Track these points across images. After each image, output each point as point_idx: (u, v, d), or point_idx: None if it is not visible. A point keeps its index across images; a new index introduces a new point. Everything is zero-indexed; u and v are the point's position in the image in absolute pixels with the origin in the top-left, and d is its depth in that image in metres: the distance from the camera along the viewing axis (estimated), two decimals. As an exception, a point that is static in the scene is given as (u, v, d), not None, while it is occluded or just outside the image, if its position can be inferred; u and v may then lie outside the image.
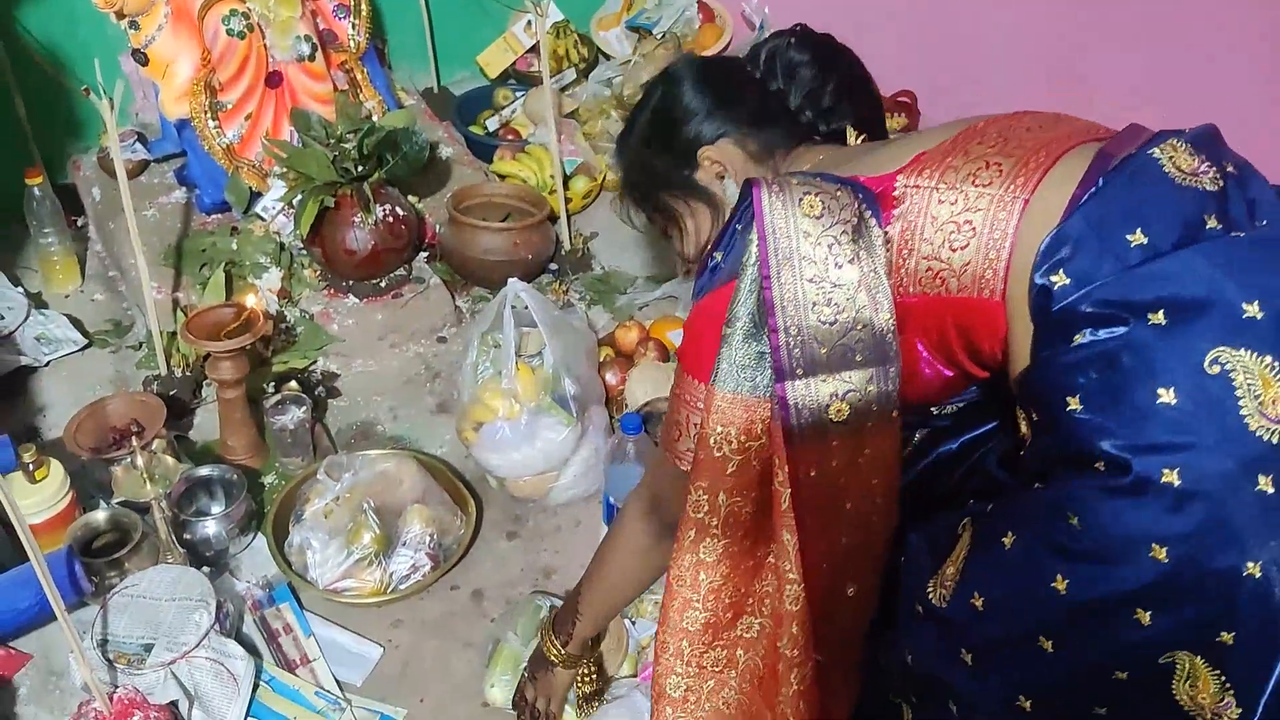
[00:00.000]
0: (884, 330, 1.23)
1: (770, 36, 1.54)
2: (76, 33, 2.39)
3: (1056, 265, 1.15)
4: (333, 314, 2.23)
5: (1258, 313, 1.10)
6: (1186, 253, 1.12)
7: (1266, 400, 1.08)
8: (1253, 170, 1.24)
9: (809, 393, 1.24)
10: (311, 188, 2.12)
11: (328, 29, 2.42)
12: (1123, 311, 1.12)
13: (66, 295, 2.35)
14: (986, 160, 1.24)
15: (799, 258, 1.23)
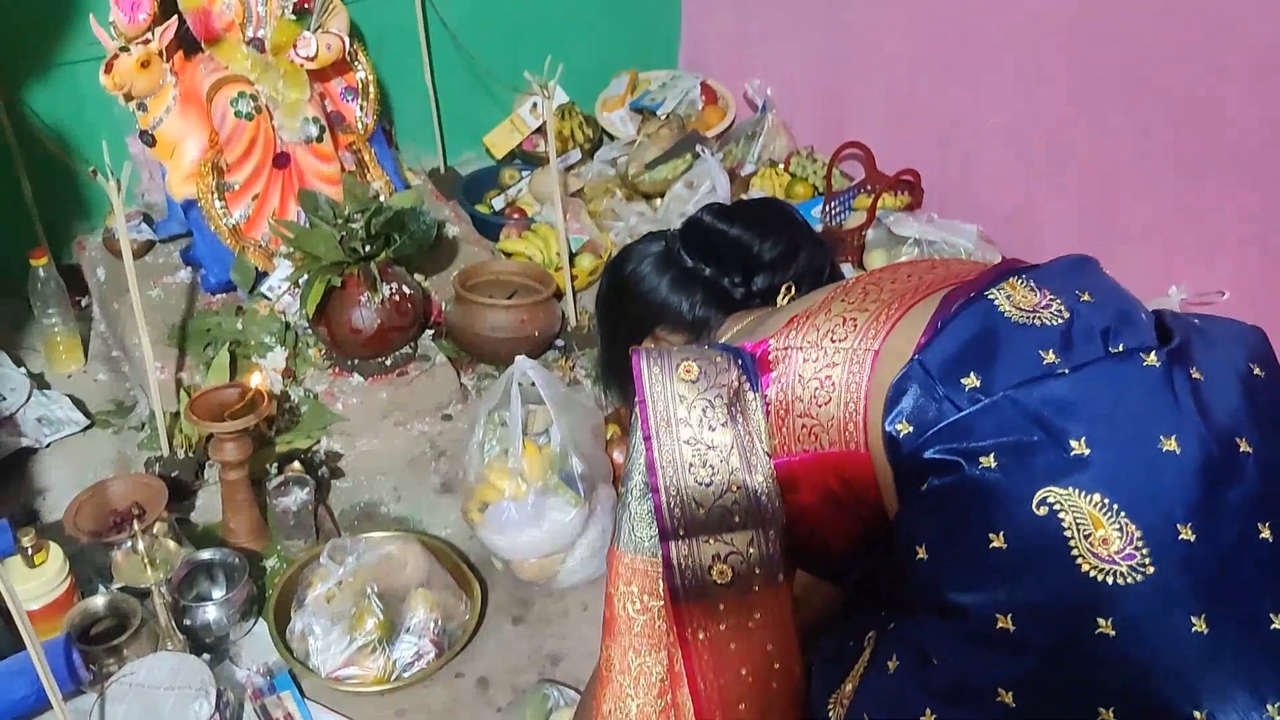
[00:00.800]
0: (759, 492, 1.24)
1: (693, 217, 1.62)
2: (84, 114, 2.41)
3: (899, 414, 1.16)
4: (337, 393, 2.21)
5: (1084, 449, 1.09)
6: (1016, 392, 1.12)
7: (1096, 540, 1.06)
8: (1119, 295, 1.24)
9: (690, 553, 1.25)
10: (318, 268, 2.11)
11: (335, 111, 2.44)
12: (956, 456, 1.12)
13: (69, 375, 2.34)
14: (844, 317, 1.27)
15: (675, 420, 1.26)
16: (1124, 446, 1.10)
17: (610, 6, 2.97)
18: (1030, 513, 1.08)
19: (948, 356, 1.17)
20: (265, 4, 2.28)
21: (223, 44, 2.24)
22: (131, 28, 2.14)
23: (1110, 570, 1.06)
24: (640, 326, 1.62)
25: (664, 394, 1.27)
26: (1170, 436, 1.10)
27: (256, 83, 2.24)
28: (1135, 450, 1.10)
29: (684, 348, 1.34)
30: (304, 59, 2.27)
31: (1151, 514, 1.07)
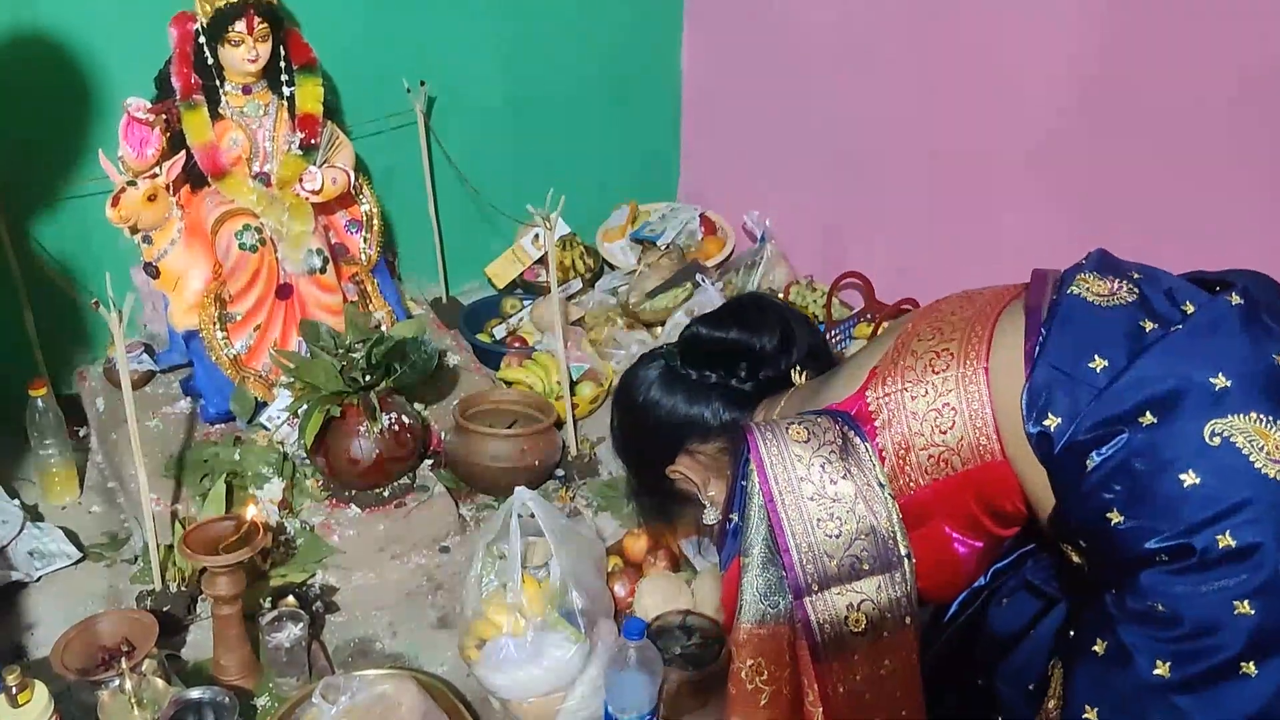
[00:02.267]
0: (886, 536, 1.34)
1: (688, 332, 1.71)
2: (90, 246, 2.43)
3: (1043, 412, 1.27)
4: (334, 525, 2.18)
5: (1225, 382, 1.23)
6: (1143, 359, 1.25)
7: (1270, 448, 1.20)
8: (1153, 268, 1.39)
9: (827, 606, 1.33)
10: (317, 398, 2.11)
11: (339, 242, 2.46)
12: (1117, 425, 1.23)
13: (64, 507, 2.31)
14: (935, 352, 1.37)
15: (797, 479, 1.34)
16: (1252, 369, 1.24)
17: (610, 140, 3.03)
18: (1206, 446, 1.21)
19: (1067, 349, 1.29)
20: (272, 140, 2.33)
21: (229, 178, 2.28)
22: (139, 162, 2.18)
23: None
24: (669, 447, 1.67)
25: (781, 457, 1.35)
26: (1276, 353, 1.27)
27: (262, 216, 2.27)
28: (1261, 369, 1.24)
29: (787, 419, 1.42)
30: (309, 193, 2.30)
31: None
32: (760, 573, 1.35)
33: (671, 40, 2.99)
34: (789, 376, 1.63)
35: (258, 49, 2.22)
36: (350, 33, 2.53)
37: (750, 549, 1.36)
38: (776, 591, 1.35)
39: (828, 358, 1.68)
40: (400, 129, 2.68)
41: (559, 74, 2.88)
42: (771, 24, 2.77)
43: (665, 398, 1.67)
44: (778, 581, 1.35)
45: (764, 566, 1.35)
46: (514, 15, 2.75)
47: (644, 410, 1.69)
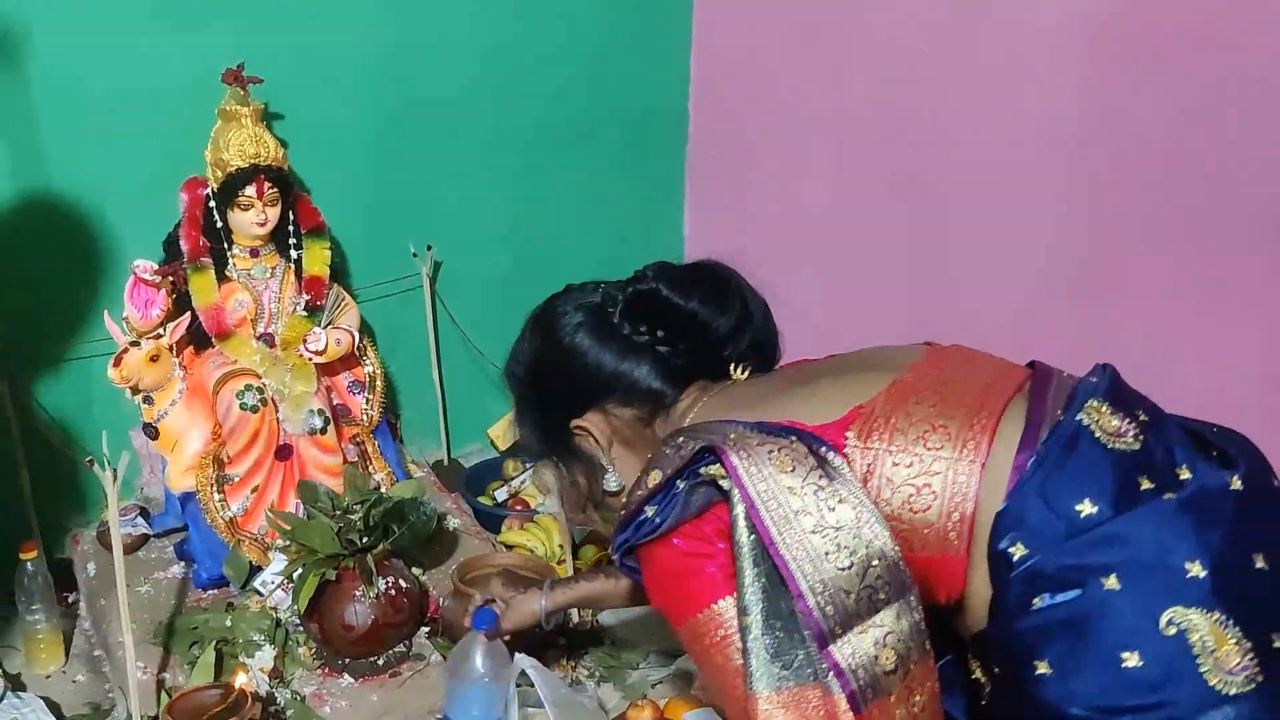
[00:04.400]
0: (896, 557, 1.24)
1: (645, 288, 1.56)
2: (90, 408, 2.42)
3: (1014, 537, 1.22)
4: (325, 695, 2.09)
5: (1200, 571, 1.17)
6: (1127, 518, 1.20)
7: (1221, 655, 1.15)
8: (1157, 410, 1.34)
9: (855, 649, 1.22)
10: (313, 560, 2.05)
11: (341, 403, 2.45)
12: (1078, 574, 1.19)
13: (48, 676, 2.22)
14: (932, 423, 1.29)
15: (794, 513, 1.23)
16: (1229, 565, 1.19)
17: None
18: (1159, 632, 1.16)
19: (1057, 481, 1.23)
20: (278, 301, 2.34)
21: (233, 339, 2.28)
22: (144, 323, 2.18)
23: (1230, 681, 1.15)
24: (584, 400, 1.54)
25: (771, 490, 1.23)
26: (1259, 554, 1.21)
27: (264, 376, 2.26)
28: (1238, 569, 1.19)
29: (748, 431, 1.29)
30: (313, 354, 2.30)
31: (1255, 628, 1.17)
32: (764, 630, 1.21)
33: (673, 214, 3.05)
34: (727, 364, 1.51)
35: (267, 213, 2.25)
36: (359, 197, 2.58)
37: (749, 607, 1.21)
38: (786, 650, 1.22)
39: (771, 357, 1.56)
40: (406, 292, 2.70)
41: (561, 242, 2.92)
42: (765, 194, 2.84)
43: (594, 347, 1.52)
44: (786, 637, 1.21)
45: (767, 622, 1.21)
46: (518, 183, 2.81)
47: (567, 353, 1.54)
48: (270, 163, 2.23)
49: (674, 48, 2.89)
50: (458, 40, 2.61)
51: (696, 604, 1.28)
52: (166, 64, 2.27)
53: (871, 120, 2.54)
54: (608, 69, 2.82)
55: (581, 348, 1.55)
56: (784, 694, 1.21)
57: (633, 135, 2.91)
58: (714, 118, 2.91)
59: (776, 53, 2.71)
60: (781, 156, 2.77)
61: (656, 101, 2.92)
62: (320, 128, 2.47)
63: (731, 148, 2.89)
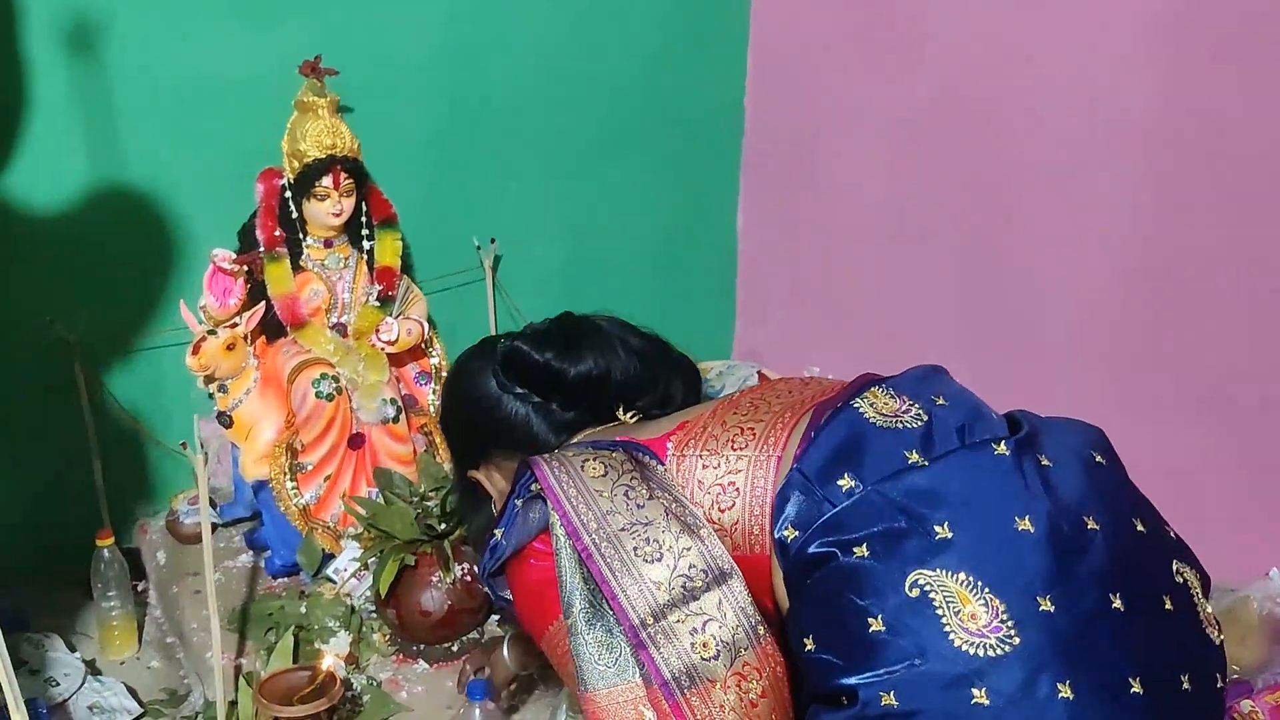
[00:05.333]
0: (708, 548, 1.27)
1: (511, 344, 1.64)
2: (161, 398, 2.44)
3: (785, 520, 1.25)
4: (401, 681, 2.11)
5: (947, 533, 1.19)
6: (881, 486, 1.23)
7: (965, 615, 1.15)
8: (969, 396, 1.37)
9: (668, 638, 1.24)
10: (392, 546, 2.07)
11: (408, 394, 2.47)
12: (832, 548, 1.21)
13: (122, 662, 2.25)
14: (741, 427, 1.35)
15: (603, 514, 1.29)
16: (983, 528, 1.19)
17: (666, 300, 3.07)
18: (903, 594, 1.17)
19: (821, 461, 1.26)
20: (351, 291, 2.36)
21: (308, 329, 2.30)
22: (221, 312, 2.21)
23: (980, 643, 1.14)
24: (475, 449, 1.65)
25: (580, 494, 1.30)
26: (1024, 517, 1.20)
27: (338, 365, 2.28)
28: (993, 531, 1.19)
29: (575, 448, 1.39)
30: (385, 343, 2.32)
31: (1013, 588, 1.16)
32: (588, 629, 1.27)
33: (728, 200, 3.07)
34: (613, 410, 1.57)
35: (342, 204, 2.27)
36: (425, 190, 2.60)
37: (570, 606, 1.28)
38: (606, 646, 1.28)
39: (666, 399, 1.60)
40: (468, 285, 2.73)
41: (618, 235, 2.94)
42: (822, 189, 2.85)
43: (482, 399, 1.61)
44: (608, 635, 1.27)
45: (590, 621, 1.28)
46: (576, 178, 2.83)
47: (460, 403, 1.65)
48: (346, 153, 2.25)
49: (731, 46, 2.91)
50: (522, 38, 2.63)
51: (549, 616, 1.35)
52: (245, 56, 2.30)
53: (931, 117, 2.56)
54: (665, 67, 2.84)
55: (472, 397, 1.64)
56: (615, 690, 1.27)
57: (689, 132, 2.93)
58: (770, 115, 2.93)
59: (834, 50, 2.73)
60: (838, 155, 2.79)
61: (713, 99, 2.94)
62: (389, 121, 2.49)
63: (787, 145, 2.91)
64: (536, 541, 1.38)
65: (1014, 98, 2.39)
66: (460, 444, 1.72)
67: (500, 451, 1.61)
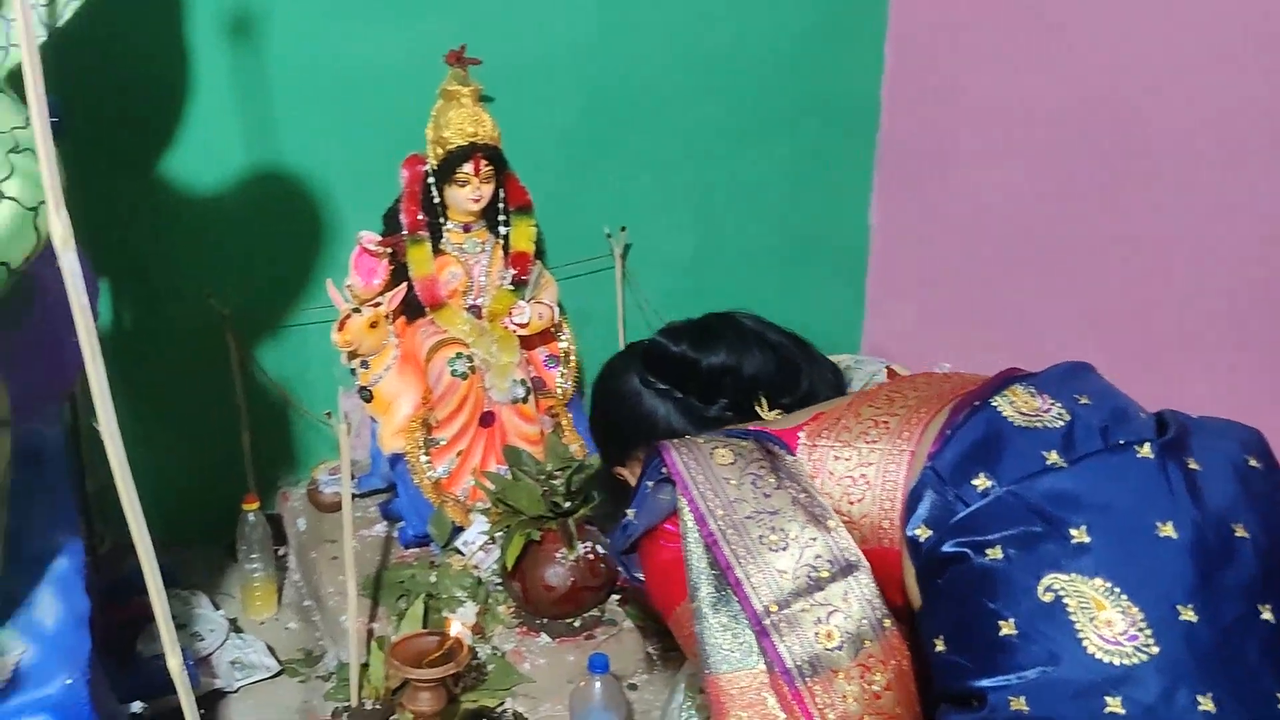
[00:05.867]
0: (835, 539, 1.26)
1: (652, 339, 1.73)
2: (306, 372, 2.56)
3: (917, 518, 1.23)
4: (524, 653, 2.17)
5: (1084, 537, 1.15)
6: (1017, 487, 1.19)
7: (1100, 621, 1.12)
8: (1115, 395, 1.32)
9: (793, 625, 1.24)
10: (519, 521, 2.14)
11: (537, 376, 2.53)
12: (966, 549, 1.18)
13: (261, 622, 2.36)
14: (875, 420, 1.33)
15: (729, 500, 1.29)
16: (1122, 532, 1.16)
17: (794, 292, 3.06)
18: (1036, 598, 1.14)
19: (956, 460, 1.24)
20: (487, 274, 2.43)
21: (445, 310, 2.38)
22: (366, 291, 2.30)
23: (1116, 650, 1.10)
24: (621, 447, 1.71)
25: (708, 480, 1.31)
26: (1167, 522, 1.15)
27: (472, 346, 2.35)
28: (1133, 536, 1.15)
29: (706, 435, 1.40)
30: (517, 326, 2.39)
31: (1152, 595, 1.12)
32: (713, 613, 1.28)
33: (861, 194, 3.06)
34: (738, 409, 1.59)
35: (482, 190, 2.35)
36: (559, 178, 2.66)
37: (696, 590, 1.28)
38: (734, 630, 1.27)
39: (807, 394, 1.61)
40: (598, 272, 2.78)
41: (748, 225, 2.96)
42: (958, 180, 2.81)
43: (626, 396, 1.66)
44: (733, 620, 1.27)
45: (715, 606, 1.28)
46: (708, 168, 2.85)
47: (606, 401, 1.71)
48: (487, 141, 2.32)
49: (869, 36, 2.89)
50: (660, 28, 2.67)
51: (677, 597, 1.35)
52: (394, 46, 2.40)
53: (1072, 113, 2.50)
54: (802, 57, 2.84)
55: (613, 398, 1.71)
56: (738, 675, 1.27)
57: (823, 123, 2.93)
58: (906, 108, 2.91)
59: (974, 42, 2.69)
60: (975, 149, 2.75)
61: (849, 90, 2.93)
62: (528, 110, 2.56)
63: (923, 139, 2.88)
64: (666, 523, 1.40)
65: (1158, 94, 2.32)
66: (607, 441, 1.77)
67: (644, 447, 1.62)
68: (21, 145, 1.14)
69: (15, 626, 1.41)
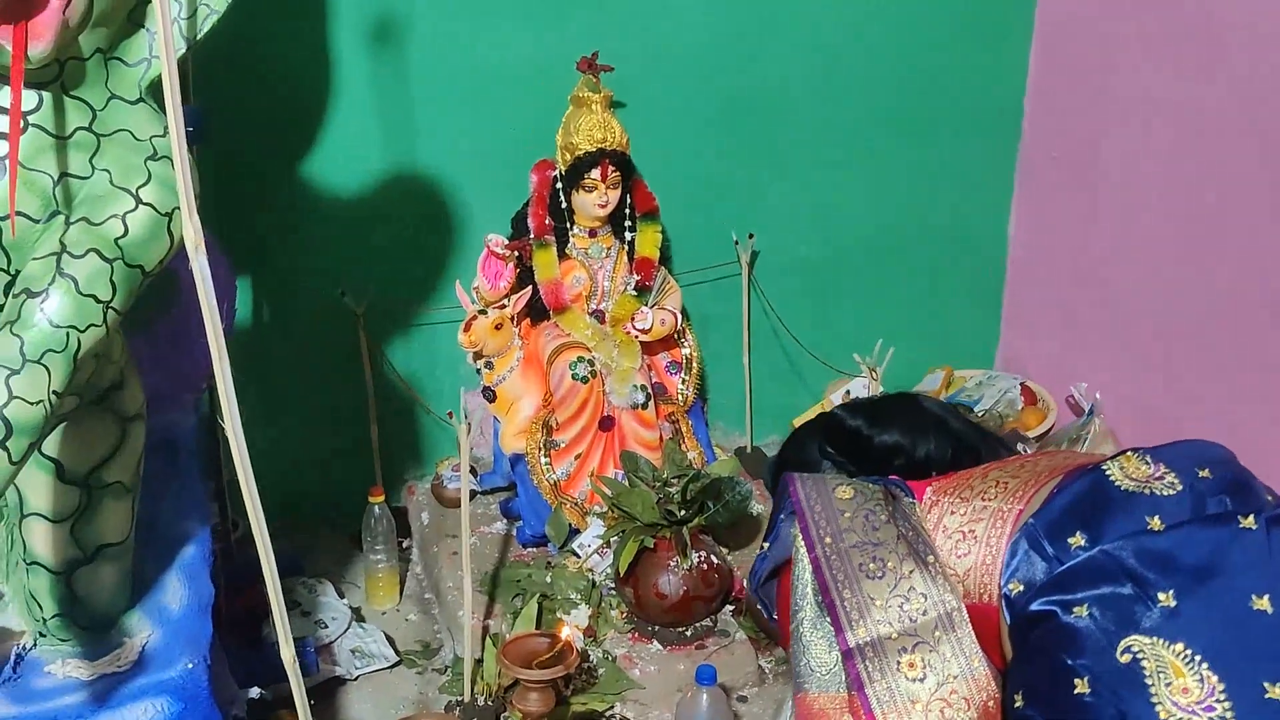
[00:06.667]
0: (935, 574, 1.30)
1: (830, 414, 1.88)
2: (434, 370, 2.62)
3: (1013, 574, 1.26)
4: (635, 659, 2.17)
5: (1171, 601, 1.15)
6: (1110, 547, 1.21)
7: (1176, 688, 1.11)
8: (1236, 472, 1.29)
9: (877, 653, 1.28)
10: (633, 527, 2.14)
11: (658, 382, 2.54)
12: (1055, 607, 1.20)
13: (383, 612, 2.42)
14: (997, 480, 1.37)
15: (839, 529, 1.35)
16: (1213, 600, 1.15)
17: (928, 303, 3.01)
18: (1114, 659, 1.15)
19: (1056, 517, 1.27)
20: (611, 280, 2.45)
21: (569, 313, 2.41)
22: (492, 293, 2.34)
23: (1188, 719, 1.10)
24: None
25: (824, 510, 1.38)
26: (1263, 596, 1.14)
27: (594, 350, 2.37)
28: (1225, 605, 1.15)
29: (834, 475, 1.49)
30: (639, 331, 2.40)
31: (1236, 668, 1.11)
32: (811, 634, 1.33)
33: (1000, 204, 2.97)
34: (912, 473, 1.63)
35: (608, 195, 2.36)
36: (688, 184, 2.66)
37: (798, 611, 1.34)
38: (829, 649, 1.33)
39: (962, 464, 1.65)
40: (723, 279, 2.76)
41: (882, 234, 2.90)
42: (1105, 192, 2.70)
43: (809, 466, 1.75)
44: (827, 642, 1.32)
45: (814, 626, 1.34)
46: (842, 175, 2.81)
47: (788, 466, 1.79)
48: (615, 147, 2.33)
49: (1014, 39, 2.80)
50: (794, 33, 2.64)
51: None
52: (528, 52, 2.43)
53: (1229, 122, 2.38)
54: (942, 61, 2.77)
55: (795, 465, 1.78)
56: (824, 696, 1.33)
57: (963, 130, 2.85)
58: (1051, 114, 2.81)
59: (1123, 46, 2.58)
60: (1123, 159, 2.64)
61: (991, 96, 2.84)
62: (658, 116, 2.56)
63: (1068, 147, 2.77)
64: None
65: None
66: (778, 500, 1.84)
67: None
68: (160, 153, 1.19)
69: (143, 610, 1.48)
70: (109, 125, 1.19)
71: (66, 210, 1.15)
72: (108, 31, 1.19)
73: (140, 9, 1.21)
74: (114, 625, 1.43)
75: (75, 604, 1.41)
